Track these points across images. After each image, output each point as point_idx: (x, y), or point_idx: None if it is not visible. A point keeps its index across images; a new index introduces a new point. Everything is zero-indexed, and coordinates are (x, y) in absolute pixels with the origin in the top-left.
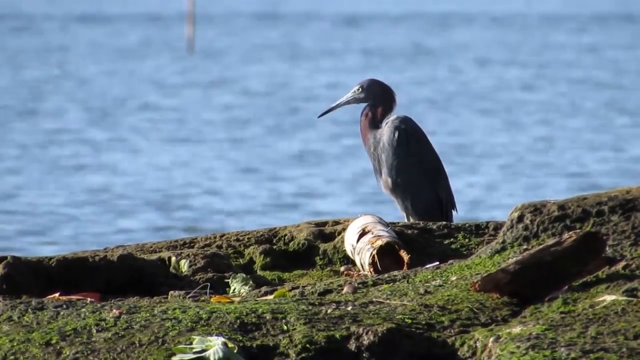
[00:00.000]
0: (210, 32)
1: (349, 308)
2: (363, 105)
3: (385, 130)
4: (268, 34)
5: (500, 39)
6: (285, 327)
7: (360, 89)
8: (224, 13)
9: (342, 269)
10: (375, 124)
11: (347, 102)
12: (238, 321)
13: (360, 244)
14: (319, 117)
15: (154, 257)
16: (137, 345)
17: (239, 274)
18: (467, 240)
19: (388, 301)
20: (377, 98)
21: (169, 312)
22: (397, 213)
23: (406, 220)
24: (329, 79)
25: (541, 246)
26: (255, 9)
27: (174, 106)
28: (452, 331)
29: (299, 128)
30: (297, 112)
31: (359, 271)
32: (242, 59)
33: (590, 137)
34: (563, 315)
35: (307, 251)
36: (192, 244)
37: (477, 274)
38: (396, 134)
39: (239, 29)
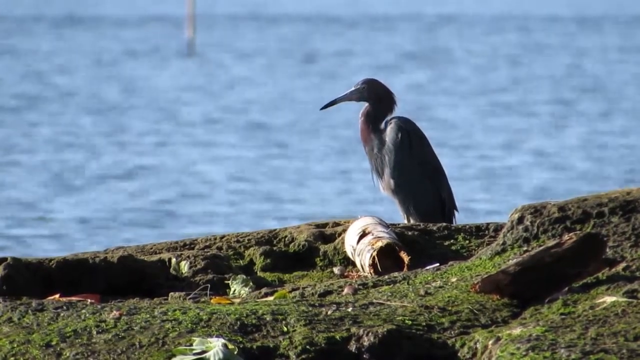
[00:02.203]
0: (210, 35)
1: (349, 309)
2: (362, 103)
3: (388, 131)
4: (269, 36)
5: (499, 40)
6: (285, 329)
7: (364, 87)
8: (225, 15)
9: (336, 271)
10: (375, 124)
11: (349, 98)
12: (238, 322)
13: (360, 245)
14: (321, 109)
15: (154, 258)
16: (137, 346)
17: (239, 276)
18: (467, 241)
19: (388, 302)
20: (379, 98)
21: (169, 313)
22: (397, 214)
23: (406, 222)
24: (329, 82)
25: (541, 247)
26: (256, 10)
27: (174, 108)
28: (452, 332)
29: (299, 133)
30: (296, 115)
31: (358, 272)
32: (241, 62)
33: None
34: (563, 316)
35: (308, 252)
36: (192, 246)
37: (478, 275)
38: (399, 135)
39: (240, 31)
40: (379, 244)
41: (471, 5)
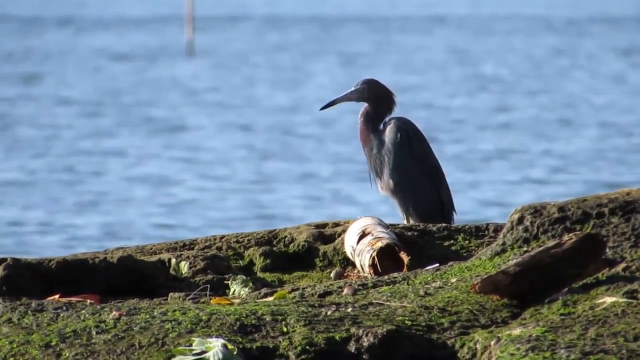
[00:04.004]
0: (211, 35)
1: (349, 310)
2: (361, 103)
3: (388, 132)
4: (269, 37)
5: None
6: (285, 329)
7: (364, 87)
8: (225, 16)
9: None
10: (374, 125)
11: (349, 99)
12: (238, 323)
13: (360, 246)
14: (321, 109)
15: (154, 259)
16: (137, 347)
17: (238, 276)
18: (467, 242)
19: (388, 303)
20: (379, 98)
21: (169, 313)
22: (397, 214)
23: (405, 222)
24: (329, 82)
25: (541, 248)
26: (256, 12)
27: (175, 110)
28: (452, 333)
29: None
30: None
31: (358, 272)
32: (241, 63)
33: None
34: (563, 317)
35: (307, 253)
36: (191, 246)
37: (477, 275)
38: (399, 135)
39: (241, 33)
40: (379, 244)
41: (462, 6)
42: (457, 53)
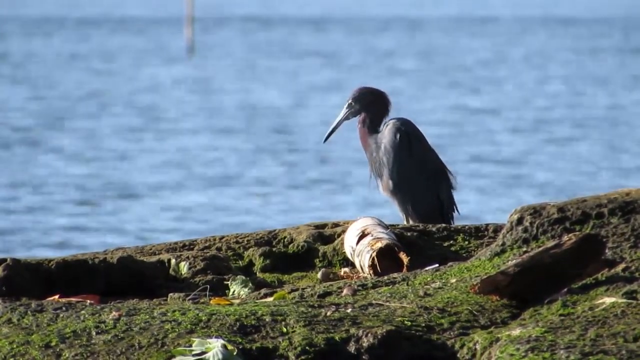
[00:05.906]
0: (211, 35)
1: (349, 310)
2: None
3: (387, 133)
4: (268, 38)
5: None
6: (284, 330)
7: (353, 102)
8: (225, 16)
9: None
10: (373, 128)
11: (346, 118)
12: (237, 323)
13: (359, 246)
14: (325, 141)
15: (154, 259)
16: (137, 347)
17: (238, 276)
18: (466, 242)
19: (387, 303)
20: (372, 105)
21: (169, 314)
22: (396, 215)
23: (405, 223)
24: (326, 83)
25: (541, 248)
26: (257, 11)
27: (174, 109)
28: (451, 333)
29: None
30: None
31: (358, 273)
32: (240, 64)
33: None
34: (562, 317)
35: (307, 253)
36: (191, 247)
37: (477, 276)
38: (398, 136)
39: (240, 32)
40: (379, 244)
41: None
42: (456, 53)
